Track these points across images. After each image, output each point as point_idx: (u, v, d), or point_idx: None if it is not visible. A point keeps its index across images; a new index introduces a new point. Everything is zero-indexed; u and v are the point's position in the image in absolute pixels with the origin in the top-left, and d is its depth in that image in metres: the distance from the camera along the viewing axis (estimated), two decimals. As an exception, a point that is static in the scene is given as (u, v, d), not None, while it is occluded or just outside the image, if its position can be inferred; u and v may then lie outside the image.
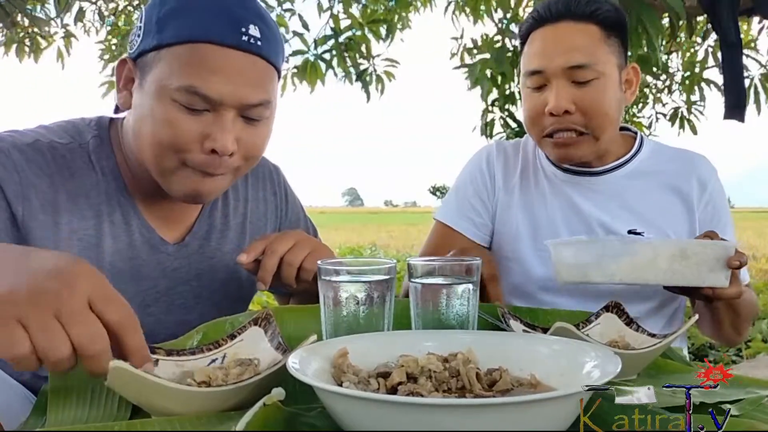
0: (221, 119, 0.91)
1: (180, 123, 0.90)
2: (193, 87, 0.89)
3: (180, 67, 0.89)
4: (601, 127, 1.27)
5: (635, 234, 1.32)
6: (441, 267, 0.86)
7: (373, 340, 0.74)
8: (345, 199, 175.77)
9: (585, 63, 1.24)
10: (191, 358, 0.74)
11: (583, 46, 1.25)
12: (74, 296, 0.60)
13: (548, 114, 1.27)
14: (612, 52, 1.28)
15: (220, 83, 0.89)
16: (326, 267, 0.81)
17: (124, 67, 0.97)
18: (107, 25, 5.43)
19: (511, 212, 1.43)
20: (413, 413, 0.50)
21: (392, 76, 4.96)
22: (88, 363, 0.60)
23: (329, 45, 4.66)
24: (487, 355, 0.69)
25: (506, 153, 1.49)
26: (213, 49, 0.89)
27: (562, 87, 1.25)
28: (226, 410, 0.64)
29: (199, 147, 0.92)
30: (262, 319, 0.79)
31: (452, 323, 0.83)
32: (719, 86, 4.47)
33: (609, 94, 1.27)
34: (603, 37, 1.27)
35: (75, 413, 0.66)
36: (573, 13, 1.27)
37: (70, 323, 0.59)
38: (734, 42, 2.95)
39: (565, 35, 1.27)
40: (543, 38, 1.29)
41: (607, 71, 1.26)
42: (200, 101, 0.90)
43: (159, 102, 0.91)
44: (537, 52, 1.29)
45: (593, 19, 1.27)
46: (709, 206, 1.35)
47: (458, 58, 4.86)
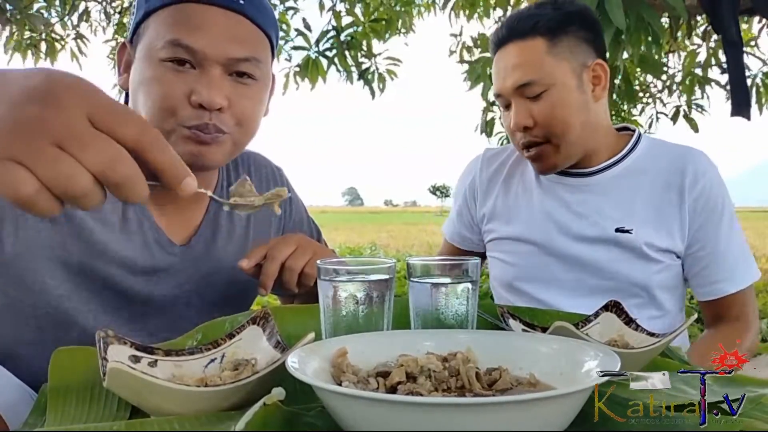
0: (207, 74, 0.93)
1: (168, 81, 0.92)
2: (177, 39, 0.91)
3: (165, 27, 0.92)
4: (562, 134, 1.32)
5: (623, 232, 1.33)
6: (440, 267, 0.86)
7: (373, 339, 0.73)
8: (345, 198, 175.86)
9: (530, 80, 1.29)
10: (190, 358, 0.74)
11: (525, 63, 1.30)
12: (72, 116, 0.48)
13: (514, 131, 1.35)
14: (563, 59, 1.30)
15: (204, 37, 0.92)
16: (326, 266, 0.81)
17: (123, 51, 1.00)
18: (113, 24, 5.47)
19: (501, 215, 1.47)
20: (413, 413, 0.50)
21: (394, 74, 4.97)
22: (119, 192, 0.51)
23: (330, 43, 4.67)
24: (487, 355, 0.69)
25: (492, 159, 1.55)
26: (196, 7, 0.92)
27: (519, 105, 1.32)
28: (226, 410, 0.64)
29: (188, 103, 0.93)
30: (260, 318, 0.79)
31: (451, 323, 0.83)
32: (721, 85, 4.48)
33: (564, 101, 1.30)
34: (548, 47, 1.30)
35: (74, 413, 0.66)
36: (517, 31, 1.32)
37: (78, 148, 0.48)
38: (735, 40, 2.95)
39: (510, 56, 1.33)
40: (497, 62, 1.37)
41: (558, 80, 1.30)
42: (184, 53, 0.91)
43: (148, 64, 0.93)
44: (495, 76, 1.37)
45: (535, 32, 1.30)
46: (701, 199, 1.33)
47: (457, 55, 4.86)
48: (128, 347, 0.70)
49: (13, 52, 5.18)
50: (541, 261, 1.40)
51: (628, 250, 1.33)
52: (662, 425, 0.57)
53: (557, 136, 1.32)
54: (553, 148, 1.33)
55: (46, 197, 0.48)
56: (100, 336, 0.68)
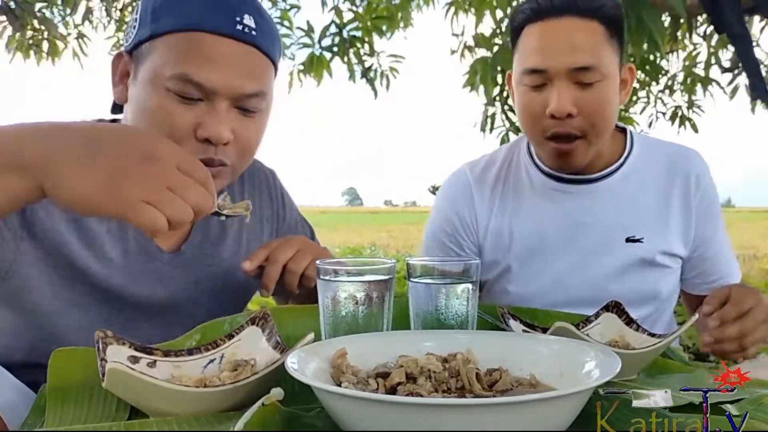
0: (215, 108, 0.92)
1: (174, 112, 0.90)
2: (187, 75, 0.89)
3: (174, 55, 0.89)
4: (601, 131, 1.21)
5: (634, 241, 1.28)
6: (440, 267, 0.85)
7: (373, 340, 0.73)
8: (345, 198, 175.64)
9: (591, 64, 1.16)
10: (189, 359, 0.74)
11: (588, 46, 1.16)
12: (171, 167, 0.66)
13: (549, 116, 1.18)
14: (614, 52, 1.20)
15: (213, 72, 0.90)
16: (325, 267, 0.81)
17: (120, 61, 0.97)
18: (115, 21, 5.48)
19: (501, 232, 1.34)
20: (413, 413, 0.50)
21: (396, 72, 4.98)
22: (200, 217, 0.70)
23: (333, 40, 4.68)
24: (487, 355, 0.69)
25: (480, 174, 1.39)
26: (207, 38, 0.89)
27: (566, 88, 1.17)
28: (225, 411, 0.64)
29: (193, 136, 0.92)
30: (259, 318, 0.79)
31: (451, 323, 0.83)
32: (721, 86, 4.48)
33: (611, 96, 1.20)
34: (607, 35, 1.18)
35: (74, 413, 0.66)
36: (578, 7, 1.17)
37: (182, 191, 0.67)
38: (741, 33, 2.94)
39: (570, 32, 1.17)
40: (544, 34, 1.19)
41: (611, 73, 1.19)
42: (193, 89, 0.90)
43: (153, 91, 0.91)
44: (537, 49, 1.19)
45: (598, 15, 1.17)
46: (704, 200, 1.30)
47: (458, 54, 4.87)
48: (127, 347, 0.70)
49: (15, 52, 5.19)
50: (546, 280, 1.31)
51: (640, 260, 1.27)
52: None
53: (596, 132, 1.20)
54: (585, 145, 1.21)
55: (167, 227, 0.66)
56: (99, 336, 0.68)
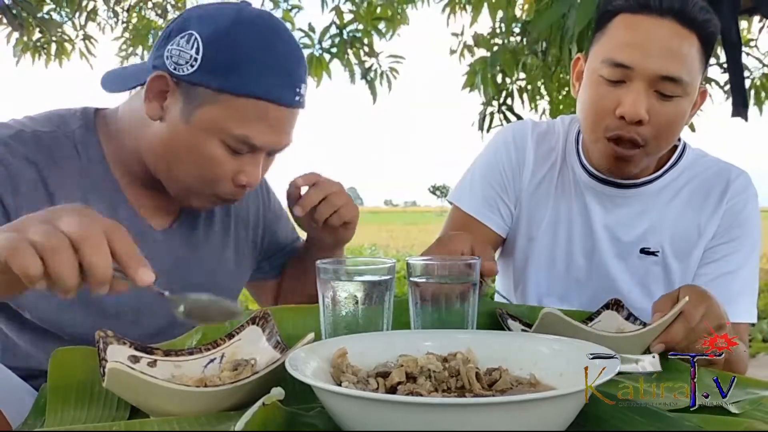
0: (255, 159, 0.99)
1: (224, 162, 0.97)
2: (248, 138, 0.95)
3: (240, 117, 0.95)
4: (663, 145, 1.14)
5: (648, 253, 1.22)
6: (440, 266, 0.85)
7: (373, 339, 0.73)
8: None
9: (678, 76, 1.07)
10: (189, 359, 0.74)
11: (682, 57, 1.07)
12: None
13: (618, 116, 1.09)
14: (701, 71, 1.12)
15: (268, 135, 0.97)
16: (325, 266, 0.81)
17: (161, 81, 0.97)
18: (122, 22, 5.49)
19: (536, 207, 1.28)
20: (413, 413, 0.50)
21: (396, 72, 4.98)
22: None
23: (333, 41, 4.69)
24: (487, 355, 0.69)
25: (541, 140, 1.30)
26: (273, 108, 0.95)
27: (645, 94, 1.07)
28: (225, 410, 0.64)
29: (232, 181, 0.99)
30: (260, 318, 0.79)
31: (452, 323, 0.83)
32: (720, 85, 4.48)
33: (684, 114, 1.12)
34: (701, 52, 1.10)
35: (74, 413, 0.66)
36: (684, 13, 1.07)
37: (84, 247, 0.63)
38: (735, 42, 2.95)
39: (669, 36, 1.07)
40: (640, 28, 1.08)
41: (693, 90, 1.11)
42: (247, 147, 0.97)
43: (208, 139, 0.96)
44: (629, 43, 1.08)
45: (699, 29, 1.08)
46: (724, 218, 1.21)
47: (458, 54, 4.87)
48: (127, 347, 0.70)
49: (22, 54, 5.20)
50: (556, 275, 1.27)
51: (652, 271, 1.22)
52: (653, 406, 0.57)
53: (658, 145, 1.13)
54: (644, 155, 1.13)
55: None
56: (100, 336, 0.68)
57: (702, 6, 1.07)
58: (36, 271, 0.60)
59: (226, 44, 0.94)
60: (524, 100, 4.93)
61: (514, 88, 4.85)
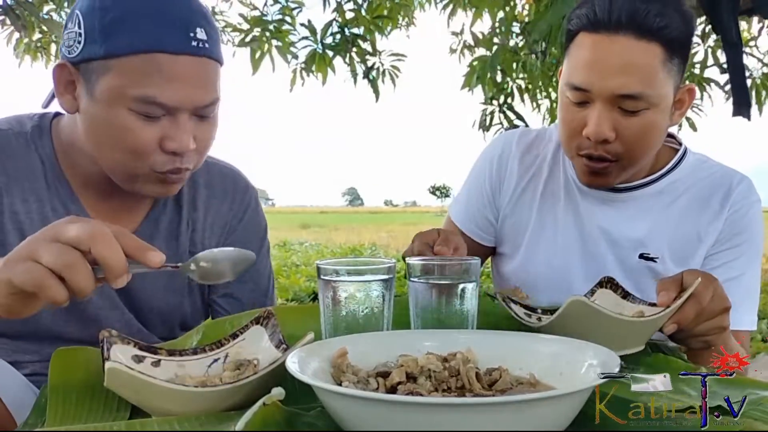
0: (177, 122, 0.94)
1: (138, 130, 0.93)
2: (150, 97, 0.91)
3: (134, 77, 0.91)
4: (638, 157, 1.14)
5: (647, 259, 1.21)
6: (440, 266, 0.85)
7: (373, 339, 0.74)
8: (345, 198, 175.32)
9: (639, 93, 1.06)
10: (193, 358, 0.74)
11: (640, 72, 1.06)
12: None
13: (585, 136, 1.10)
14: (671, 76, 1.09)
15: (175, 90, 0.92)
16: (326, 266, 0.81)
17: (63, 71, 0.96)
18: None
19: (519, 215, 1.30)
20: (413, 413, 0.50)
21: (398, 71, 4.98)
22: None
23: (335, 38, 4.68)
24: (487, 355, 0.69)
25: (526, 145, 1.33)
26: (166, 58, 0.91)
27: (607, 113, 1.07)
28: (226, 410, 0.64)
29: (159, 149, 0.95)
30: (263, 318, 0.79)
31: (452, 323, 0.83)
32: (720, 85, 4.48)
33: (656, 125, 1.11)
34: (665, 59, 1.07)
35: (74, 413, 0.66)
36: (637, 25, 1.04)
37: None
38: (735, 41, 2.95)
39: (622, 54, 1.05)
40: (594, 48, 1.07)
41: (661, 101, 1.09)
42: (157, 108, 0.92)
43: (115, 111, 0.92)
44: (584, 65, 1.08)
45: (659, 37, 1.05)
46: (726, 224, 1.19)
47: (458, 53, 4.86)
48: (131, 347, 0.70)
49: (24, 54, 5.20)
50: (551, 279, 1.27)
51: (650, 277, 1.19)
52: (663, 426, 0.57)
53: (632, 158, 1.12)
54: (619, 168, 1.13)
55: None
56: (104, 336, 0.69)
57: (658, 12, 1.05)
58: (63, 297, 0.67)
59: (102, 9, 0.91)
60: (525, 100, 4.94)
61: (514, 87, 4.85)
